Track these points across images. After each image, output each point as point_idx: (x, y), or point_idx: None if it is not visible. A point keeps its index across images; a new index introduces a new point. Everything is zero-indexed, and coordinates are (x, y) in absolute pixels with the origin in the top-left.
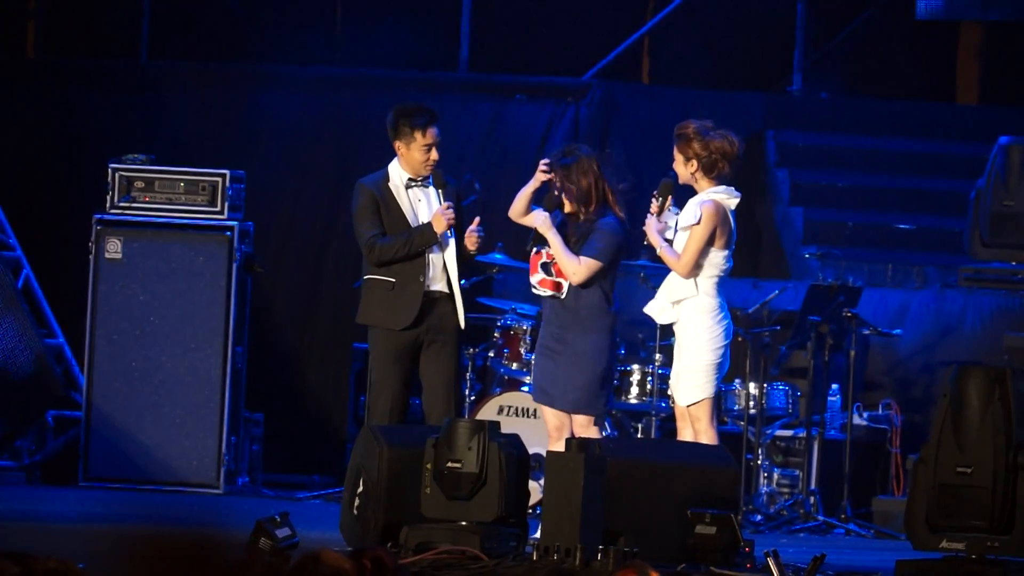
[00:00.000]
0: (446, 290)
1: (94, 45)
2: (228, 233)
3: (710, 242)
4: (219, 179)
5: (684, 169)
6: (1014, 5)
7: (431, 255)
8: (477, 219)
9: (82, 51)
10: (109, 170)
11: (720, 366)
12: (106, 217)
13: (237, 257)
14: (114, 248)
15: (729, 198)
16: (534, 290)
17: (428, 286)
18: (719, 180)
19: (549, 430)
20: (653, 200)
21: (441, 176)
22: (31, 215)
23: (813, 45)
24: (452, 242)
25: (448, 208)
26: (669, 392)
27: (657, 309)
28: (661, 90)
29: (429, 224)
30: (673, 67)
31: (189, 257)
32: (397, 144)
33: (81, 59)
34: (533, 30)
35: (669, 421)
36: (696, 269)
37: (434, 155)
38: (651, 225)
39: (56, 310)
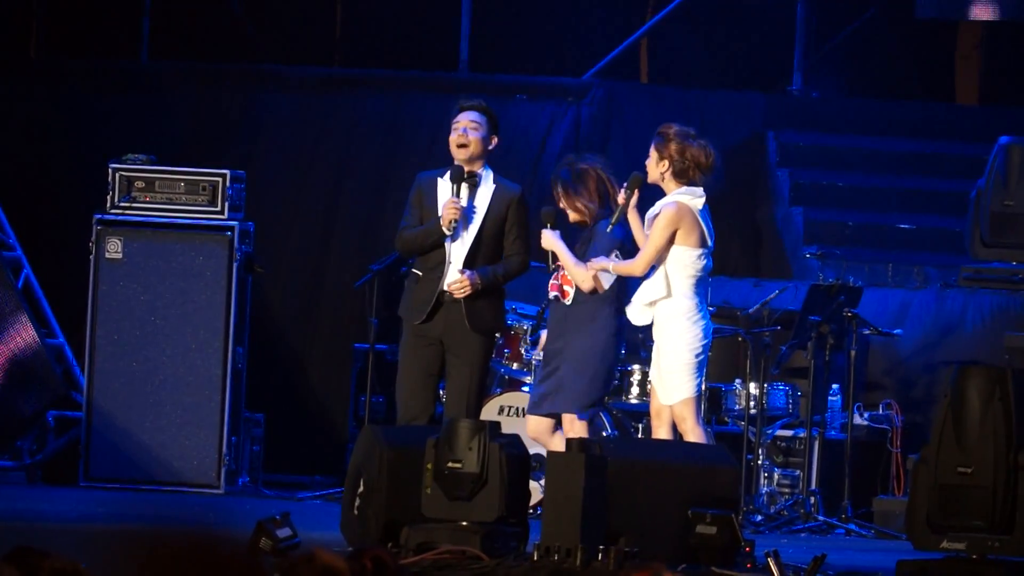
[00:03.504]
0: None
1: (94, 45)
2: (228, 233)
3: (671, 242)
4: (219, 179)
5: (655, 169)
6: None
7: (451, 248)
8: (464, 271)
9: (83, 51)
10: (109, 170)
11: (700, 365)
12: (106, 217)
13: (237, 257)
14: (114, 248)
15: (693, 199)
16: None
17: (443, 285)
18: (689, 185)
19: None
20: (622, 192)
21: (459, 171)
22: (31, 215)
23: (813, 45)
24: (460, 242)
25: (454, 202)
26: (648, 388)
27: (633, 311)
28: (661, 90)
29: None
30: (673, 67)
31: (189, 257)
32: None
33: (81, 59)
34: (533, 30)
35: None
36: (663, 266)
37: (460, 138)
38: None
39: (56, 310)
